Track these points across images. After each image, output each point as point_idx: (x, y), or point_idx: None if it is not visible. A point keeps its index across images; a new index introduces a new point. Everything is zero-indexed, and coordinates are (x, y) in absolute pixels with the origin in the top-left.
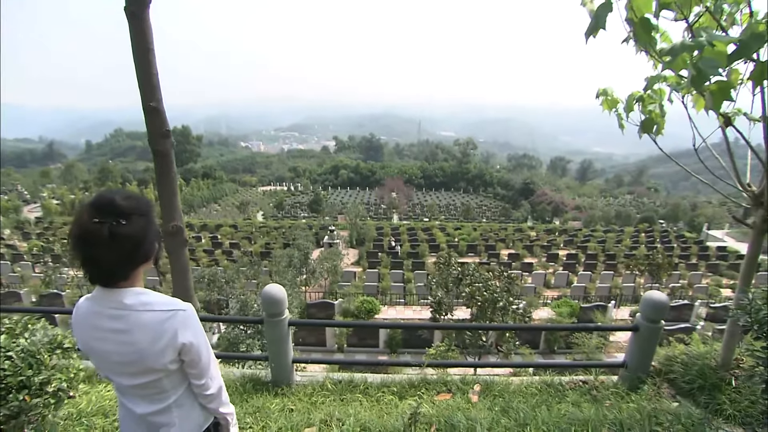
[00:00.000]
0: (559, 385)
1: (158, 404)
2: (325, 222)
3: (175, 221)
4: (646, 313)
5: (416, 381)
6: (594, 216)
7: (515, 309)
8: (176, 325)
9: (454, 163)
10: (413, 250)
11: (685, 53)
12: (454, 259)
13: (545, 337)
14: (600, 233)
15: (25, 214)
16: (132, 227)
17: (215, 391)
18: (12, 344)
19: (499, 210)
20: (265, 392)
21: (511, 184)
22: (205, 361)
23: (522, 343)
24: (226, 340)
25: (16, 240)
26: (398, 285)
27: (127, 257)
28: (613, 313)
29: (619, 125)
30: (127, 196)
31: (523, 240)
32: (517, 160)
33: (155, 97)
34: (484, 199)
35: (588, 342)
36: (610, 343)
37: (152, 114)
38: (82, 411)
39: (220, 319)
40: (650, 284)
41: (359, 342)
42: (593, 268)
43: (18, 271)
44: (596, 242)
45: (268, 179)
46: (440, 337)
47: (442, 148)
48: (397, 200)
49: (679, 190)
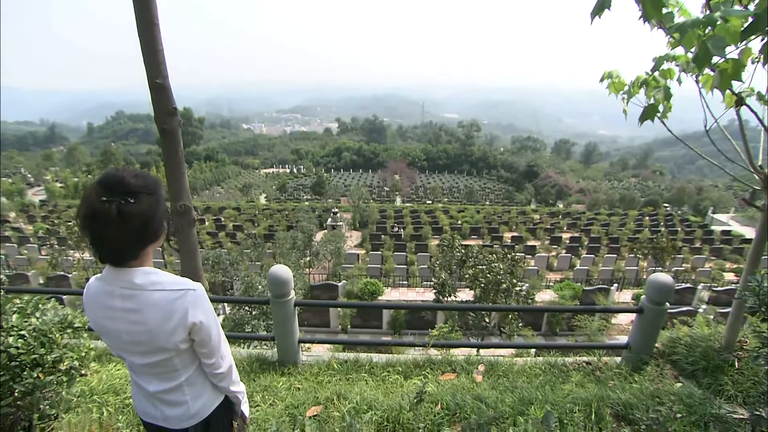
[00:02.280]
0: (563, 365)
1: (169, 383)
2: (328, 204)
3: (183, 200)
4: (651, 295)
5: (421, 361)
6: (598, 199)
7: (518, 291)
8: (186, 305)
9: (457, 146)
10: (416, 233)
11: (696, 29)
12: (458, 241)
13: (548, 319)
14: (604, 216)
15: (29, 197)
16: (140, 206)
17: (225, 370)
18: (24, 323)
19: (503, 193)
20: (272, 371)
21: (514, 166)
22: (215, 341)
23: (525, 324)
24: (231, 321)
25: (22, 223)
26: (401, 267)
27: (136, 236)
28: (616, 296)
29: (623, 110)
30: (135, 174)
31: (527, 223)
32: (521, 143)
33: (161, 74)
34: (487, 181)
35: (590, 324)
36: (612, 326)
37: (158, 91)
38: (94, 389)
39: (227, 300)
40: (653, 268)
41: (363, 323)
42: (596, 251)
43: (25, 253)
44: (600, 225)
45: (271, 162)
46: (443, 319)
47: (446, 130)
48: (400, 183)
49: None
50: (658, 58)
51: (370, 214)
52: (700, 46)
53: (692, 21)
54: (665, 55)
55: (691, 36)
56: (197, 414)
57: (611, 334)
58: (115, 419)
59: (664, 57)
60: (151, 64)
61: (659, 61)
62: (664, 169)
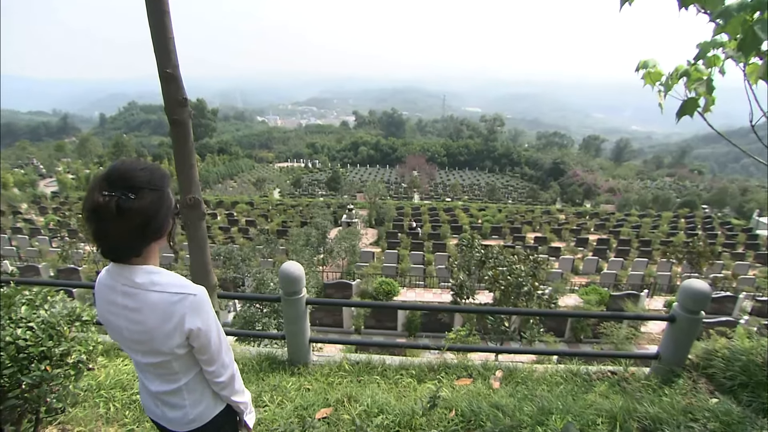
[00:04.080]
0: (586, 374)
1: (170, 385)
2: (343, 200)
3: (193, 193)
4: (685, 303)
5: (435, 365)
6: (629, 199)
7: (540, 295)
8: (185, 310)
9: (479, 141)
10: (434, 231)
11: (743, 13)
12: (478, 241)
13: (571, 325)
14: (635, 218)
15: (41, 188)
16: (141, 202)
17: (226, 379)
18: (33, 315)
19: (527, 191)
20: (282, 371)
21: (539, 163)
22: (215, 348)
23: (546, 330)
24: (242, 319)
25: (33, 214)
26: (418, 267)
27: (136, 233)
28: (646, 303)
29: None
30: (142, 167)
31: (551, 223)
32: (546, 139)
33: (172, 63)
34: (510, 179)
35: (617, 332)
36: (641, 334)
37: (168, 81)
38: (101, 383)
39: (237, 297)
40: (688, 274)
41: (377, 324)
42: (626, 254)
43: (36, 245)
44: (630, 227)
45: (285, 155)
46: (461, 322)
47: (468, 125)
48: (418, 179)
49: (727, 173)
50: (703, 44)
51: (387, 211)
52: (747, 32)
53: (738, 4)
54: (711, 41)
55: (736, 21)
56: (195, 420)
57: (640, 344)
58: (121, 415)
59: (710, 43)
60: (161, 53)
61: (705, 48)
62: (704, 167)
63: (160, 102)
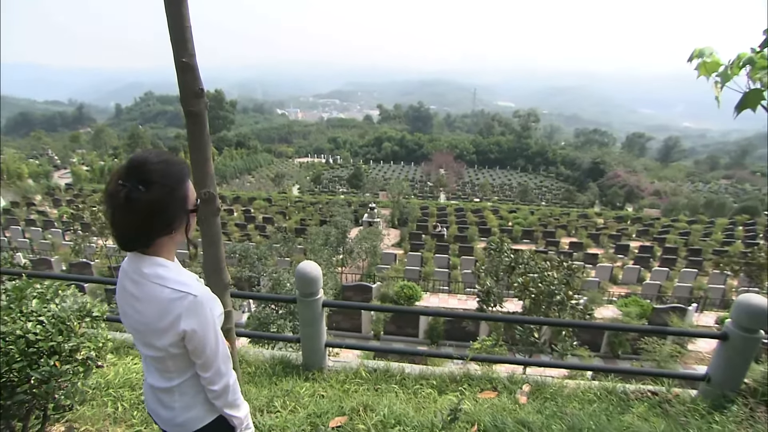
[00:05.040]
0: (623, 393)
1: (164, 382)
2: (365, 199)
3: (208, 188)
4: (740, 320)
5: (458, 375)
6: (677, 203)
7: (574, 305)
8: (181, 310)
9: (512, 138)
10: (461, 234)
11: None
12: (507, 245)
13: (608, 338)
14: (683, 224)
15: (55, 180)
16: (151, 195)
17: (220, 389)
18: (43, 309)
19: (562, 192)
20: (296, 375)
21: (577, 163)
22: (210, 354)
23: (580, 343)
24: (256, 320)
25: (47, 206)
26: (443, 271)
27: (144, 225)
28: (694, 318)
29: (715, 98)
30: (158, 160)
31: (589, 228)
32: (586, 136)
33: (188, 52)
34: (544, 179)
35: (660, 348)
36: (688, 353)
37: (185, 70)
38: (110, 382)
39: (252, 296)
40: (746, 288)
41: (397, 330)
42: (672, 264)
43: (49, 238)
44: (677, 234)
45: (306, 150)
46: (487, 331)
47: (500, 121)
48: (445, 177)
49: None
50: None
51: (411, 211)
52: None
53: None
54: None
55: None
56: (183, 425)
57: (686, 363)
58: (129, 415)
59: None
60: (177, 42)
61: None
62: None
63: (177, 92)
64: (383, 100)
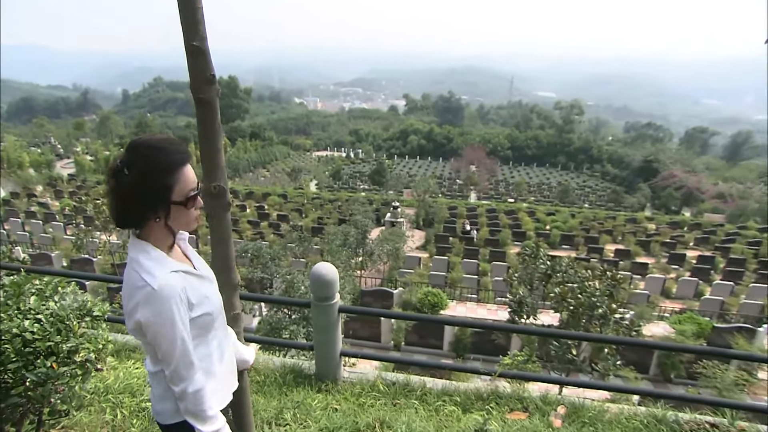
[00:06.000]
0: (675, 422)
1: (149, 366)
2: (388, 197)
3: (218, 181)
4: None
5: (485, 393)
6: (746, 208)
7: (619, 319)
8: (139, 299)
9: (552, 132)
10: (493, 237)
11: None
12: (544, 251)
13: (659, 359)
14: (753, 232)
15: (57, 170)
16: (129, 179)
17: (179, 392)
18: (42, 306)
19: (608, 194)
20: (308, 386)
21: (626, 161)
22: (167, 352)
23: (625, 363)
24: (267, 325)
25: (48, 198)
26: (471, 277)
27: (123, 209)
28: (765, 341)
29: None
30: (149, 145)
31: (638, 234)
32: (637, 130)
33: (199, 35)
34: (588, 178)
35: (722, 374)
36: (757, 381)
37: (195, 55)
38: (110, 387)
39: (263, 299)
40: None
41: (420, 341)
42: (738, 277)
43: (50, 231)
44: (745, 244)
45: (325, 143)
46: (519, 345)
47: (539, 113)
48: (476, 175)
49: None
50: None
51: (438, 211)
52: None
53: None
54: None
55: None
56: (159, 415)
57: (755, 393)
58: (129, 423)
59: None
60: (188, 24)
61: None
62: None
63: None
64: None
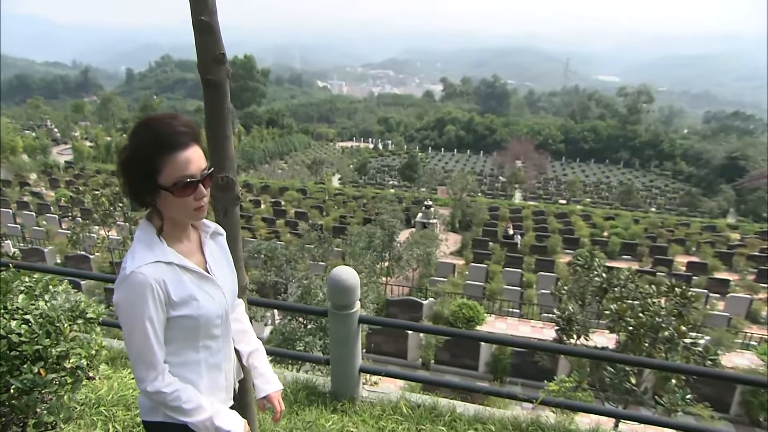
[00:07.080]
0: None
1: None
2: (420, 194)
3: (226, 172)
4: None
5: (524, 422)
6: None
7: (690, 344)
8: (118, 279)
9: (614, 123)
10: (540, 244)
11: None
12: (600, 261)
13: (742, 396)
14: None
15: (54, 156)
16: (122, 155)
17: (141, 390)
18: (30, 306)
19: (681, 196)
20: (321, 405)
21: (705, 157)
22: (126, 342)
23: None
24: (279, 335)
25: (43, 187)
26: (513, 289)
27: (121, 184)
28: None
29: None
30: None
31: (717, 244)
32: (720, 121)
33: (208, 9)
34: (656, 177)
35: None
36: None
37: (204, 32)
38: (102, 398)
39: (276, 305)
40: None
41: (451, 359)
42: None
43: (43, 224)
44: None
45: (350, 132)
46: (567, 369)
47: (599, 100)
48: (523, 171)
49: None
50: None
51: (476, 212)
52: None
53: None
54: None
55: None
56: (140, 408)
57: None
58: None
59: None
60: None
61: None
62: None
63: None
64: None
